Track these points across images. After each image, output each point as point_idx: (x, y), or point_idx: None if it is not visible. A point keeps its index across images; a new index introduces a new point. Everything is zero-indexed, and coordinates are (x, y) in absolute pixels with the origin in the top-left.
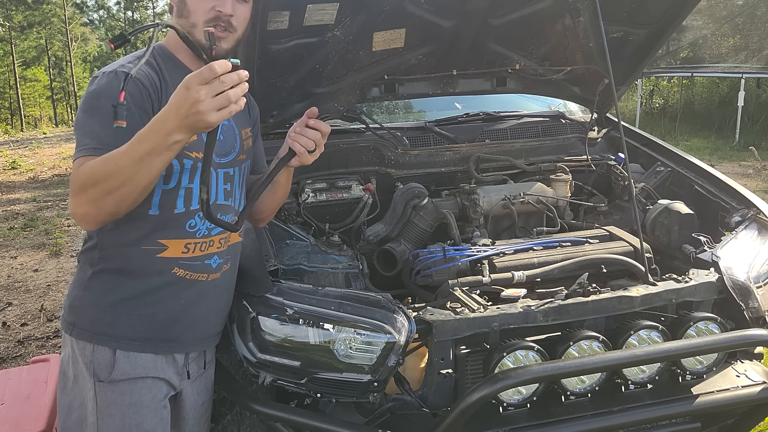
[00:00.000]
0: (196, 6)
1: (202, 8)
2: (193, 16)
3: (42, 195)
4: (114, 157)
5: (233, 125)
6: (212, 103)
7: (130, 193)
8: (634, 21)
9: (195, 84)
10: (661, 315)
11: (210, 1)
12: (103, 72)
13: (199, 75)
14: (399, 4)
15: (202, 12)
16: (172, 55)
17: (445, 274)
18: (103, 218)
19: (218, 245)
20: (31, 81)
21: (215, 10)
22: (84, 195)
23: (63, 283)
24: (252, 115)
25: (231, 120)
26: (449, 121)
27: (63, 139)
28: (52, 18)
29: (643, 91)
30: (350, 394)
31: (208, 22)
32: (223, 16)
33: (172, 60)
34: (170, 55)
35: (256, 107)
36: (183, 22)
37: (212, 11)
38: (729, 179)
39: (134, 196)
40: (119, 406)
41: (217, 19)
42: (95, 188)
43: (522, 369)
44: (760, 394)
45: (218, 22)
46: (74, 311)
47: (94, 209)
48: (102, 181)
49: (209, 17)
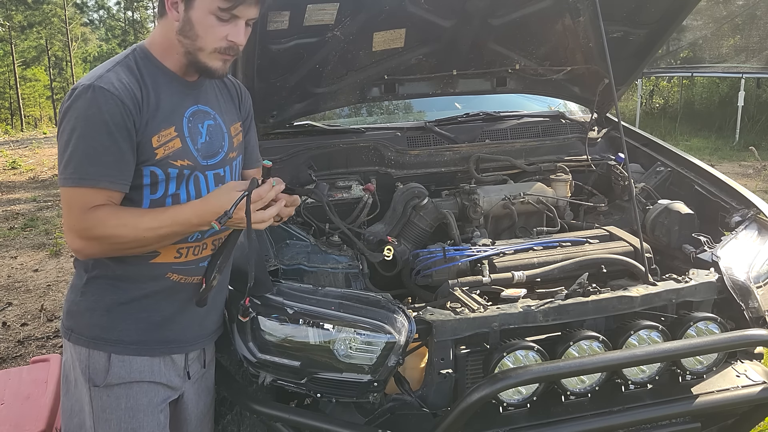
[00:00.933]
0: (207, 32)
1: (213, 36)
2: (202, 41)
3: (42, 195)
4: (137, 228)
5: (221, 123)
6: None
7: (138, 251)
8: (634, 21)
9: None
10: (661, 315)
11: (223, 29)
12: (81, 86)
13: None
14: (399, 4)
15: (213, 40)
16: (154, 59)
17: (445, 274)
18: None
19: (212, 247)
20: (31, 81)
21: (227, 39)
22: (96, 244)
23: (63, 283)
24: (243, 109)
25: (218, 118)
26: (449, 121)
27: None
28: (52, 18)
29: (643, 91)
30: (350, 394)
31: (219, 50)
32: (234, 45)
33: (155, 64)
34: (153, 59)
35: (248, 98)
36: (187, 42)
37: (224, 41)
38: (729, 179)
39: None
40: (115, 410)
41: (228, 50)
42: (110, 245)
43: (522, 369)
44: (760, 394)
45: (228, 52)
46: (71, 316)
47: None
48: (121, 243)
49: (221, 46)
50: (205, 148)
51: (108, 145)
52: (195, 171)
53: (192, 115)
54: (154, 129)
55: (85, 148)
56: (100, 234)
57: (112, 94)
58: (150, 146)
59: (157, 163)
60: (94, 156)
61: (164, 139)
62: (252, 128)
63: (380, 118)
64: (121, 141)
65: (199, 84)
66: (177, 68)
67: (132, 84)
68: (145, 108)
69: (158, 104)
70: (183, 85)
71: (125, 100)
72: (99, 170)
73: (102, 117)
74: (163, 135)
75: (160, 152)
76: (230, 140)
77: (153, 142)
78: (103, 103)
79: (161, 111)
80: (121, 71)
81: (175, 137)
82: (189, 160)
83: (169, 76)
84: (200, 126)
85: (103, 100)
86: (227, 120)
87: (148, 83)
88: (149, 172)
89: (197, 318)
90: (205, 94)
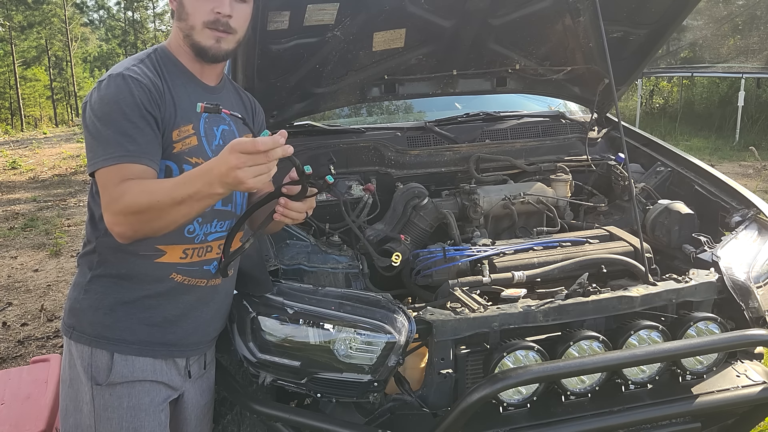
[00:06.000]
0: (194, 8)
1: (200, 10)
2: (192, 18)
3: (42, 195)
4: (155, 192)
5: (234, 130)
6: (250, 172)
7: (168, 226)
8: (634, 21)
9: (237, 151)
10: (661, 315)
11: (208, 2)
12: (110, 75)
13: (242, 144)
14: (399, 4)
15: (201, 14)
16: (173, 57)
17: (445, 274)
18: (139, 237)
19: (217, 251)
20: (31, 81)
21: (214, 12)
22: (123, 217)
23: (63, 283)
24: (255, 123)
25: (232, 124)
26: (449, 121)
27: (63, 139)
28: (52, 18)
29: (643, 91)
30: (350, 394)
31: (207, 24)
32: (222, 18)
33: (174, 62)
34: (171, 57)
35: (261, 113)
36: (182, 25)
37: (211, 13)
38: (729, 179)
39: (172, 228)
40: (117, 409)
41: (216, 22)
42: (134, 216)
43: (522, 369)
44: (760, 394)
45: (217, 25)
46: (73, 314)
47: (131, 232)
48: (141, 212)
49: (208, 19)
50: (218, 150)
51: (142, 127)
52: None
53: (208, 117)
54: (175, 123)
55: (123, 128)
56: (125, 204)
57: (140, 82)
58: (170, 139)
59: (173, 156)
60: (132, 136)
61: (183, 134)
62: None
63: (380, 118)
64: (153, 123)
65: (217, 89)
66: (192, 66)
67: (155, 79)
68: (168, 102)
69: (178, 102)
70: (202, 88)
71: (151, 88)
72: (139, 149)
73: (134, 100)
74: (183, 130)
75: (178, 146)
76: None
77: (173, 136)
78: (135, 87)
79: (180, 108)
80: (144, 67)
81: (192, 134)
82: (203, 159)
83: (188, 76)
84: (215, 129)
85: (135, 85)
86: (240, 129)
87: (168, 81)
88: (164, 166)
89: (201, 323)
90: (222, 100)
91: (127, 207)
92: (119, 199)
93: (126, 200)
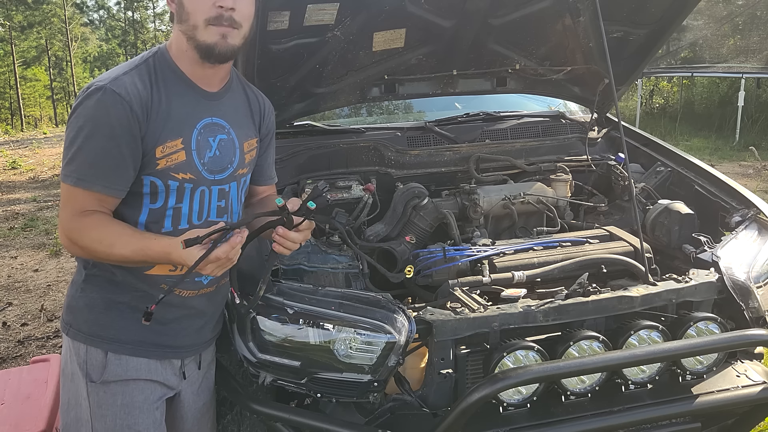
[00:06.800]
0: (194, 6)
1: (201, 7)
2: (193, 17)
3: (42, 195)
4: (113, 245)
5: (234, 138)
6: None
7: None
8: (634, 21)
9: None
10: (661, 315)
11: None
12: (95, 87)
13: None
14: (399, 4)
15: (202, 11)
16: (172, 63)
17: (445, 274)
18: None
19: None
20: (31, 81)
21: (215, 6)
22: (76, 247)
23: (63, 283)
24: (264, 125)
25: (232, 132)
26: (449, 121)
27: (63, 139)
28: (52, 18)
29: (643, 91)
30: (350, 394)
31: (210, 20)
32: (225, 12)
33: (172, 69)
34: (170, 63)
35: (271, 114)
36: (184, 27)
37: (212, 8)
38: (729, 179)
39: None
40: (111, 407)
41: (219, 18)
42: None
43: (522, 369)
44: (760, 394)
45: (221, 21)
46: (71, 311)
47: (75, 253)
48: (95, 255)
49: (211, 15)
50: (212, 162)
51: (109, 149)
52: (199, 185)
53: (204, 128)
54: (160, 139)
55: (87, 150)
56: (78, 241)
57: (122, 99)
58: (153, 156)
59: (157, 173)
60: (93, 159)
61: (168, 150)
62: (271, 145)
63: (380, 118)
64: (124, 146)
65: (218, 96)
66: (193, 71)
67: (145, 90)
68: (154, 116)
69: (169, 112)
70: (200, 95)
71: (134, 106)
72: (96, 173)
73: (109, 120)
74: (169, 146)
75: (162, 163)
76: (242, 156)
77: (156, 153)
78: (112, 105)
79: (171, 120)
80: (137, 76)
81: (180, 149)
82: (192, 174)
83: (186, 83)
84: (211, 139)
85: (112, 103)
86: (242, 135)
87: (162, 90)
88: (149, 182)
89: (194, 328)
90: (223, 107)
91: (82, 247)
92: (75, 232)
93: (83, 240)
